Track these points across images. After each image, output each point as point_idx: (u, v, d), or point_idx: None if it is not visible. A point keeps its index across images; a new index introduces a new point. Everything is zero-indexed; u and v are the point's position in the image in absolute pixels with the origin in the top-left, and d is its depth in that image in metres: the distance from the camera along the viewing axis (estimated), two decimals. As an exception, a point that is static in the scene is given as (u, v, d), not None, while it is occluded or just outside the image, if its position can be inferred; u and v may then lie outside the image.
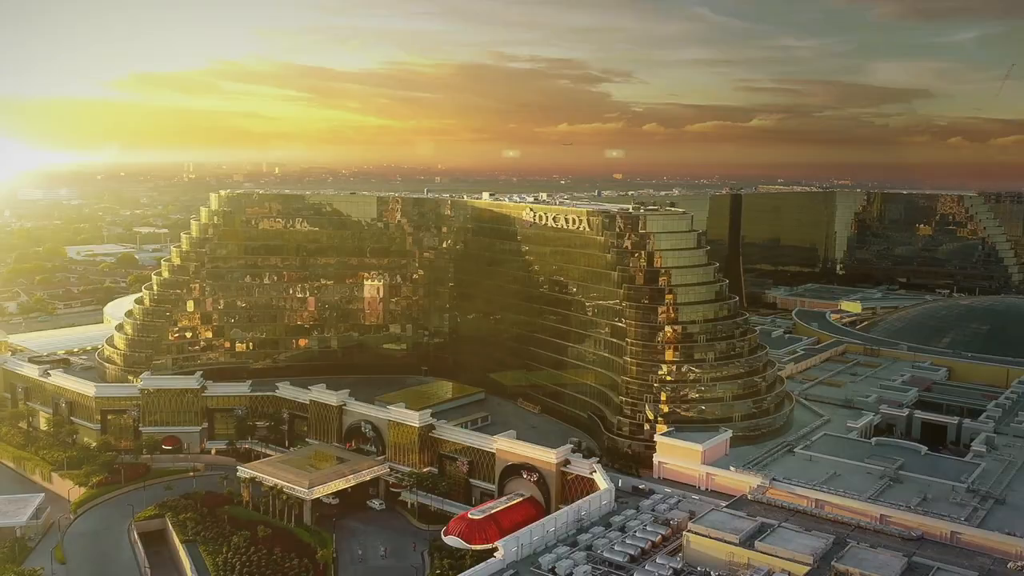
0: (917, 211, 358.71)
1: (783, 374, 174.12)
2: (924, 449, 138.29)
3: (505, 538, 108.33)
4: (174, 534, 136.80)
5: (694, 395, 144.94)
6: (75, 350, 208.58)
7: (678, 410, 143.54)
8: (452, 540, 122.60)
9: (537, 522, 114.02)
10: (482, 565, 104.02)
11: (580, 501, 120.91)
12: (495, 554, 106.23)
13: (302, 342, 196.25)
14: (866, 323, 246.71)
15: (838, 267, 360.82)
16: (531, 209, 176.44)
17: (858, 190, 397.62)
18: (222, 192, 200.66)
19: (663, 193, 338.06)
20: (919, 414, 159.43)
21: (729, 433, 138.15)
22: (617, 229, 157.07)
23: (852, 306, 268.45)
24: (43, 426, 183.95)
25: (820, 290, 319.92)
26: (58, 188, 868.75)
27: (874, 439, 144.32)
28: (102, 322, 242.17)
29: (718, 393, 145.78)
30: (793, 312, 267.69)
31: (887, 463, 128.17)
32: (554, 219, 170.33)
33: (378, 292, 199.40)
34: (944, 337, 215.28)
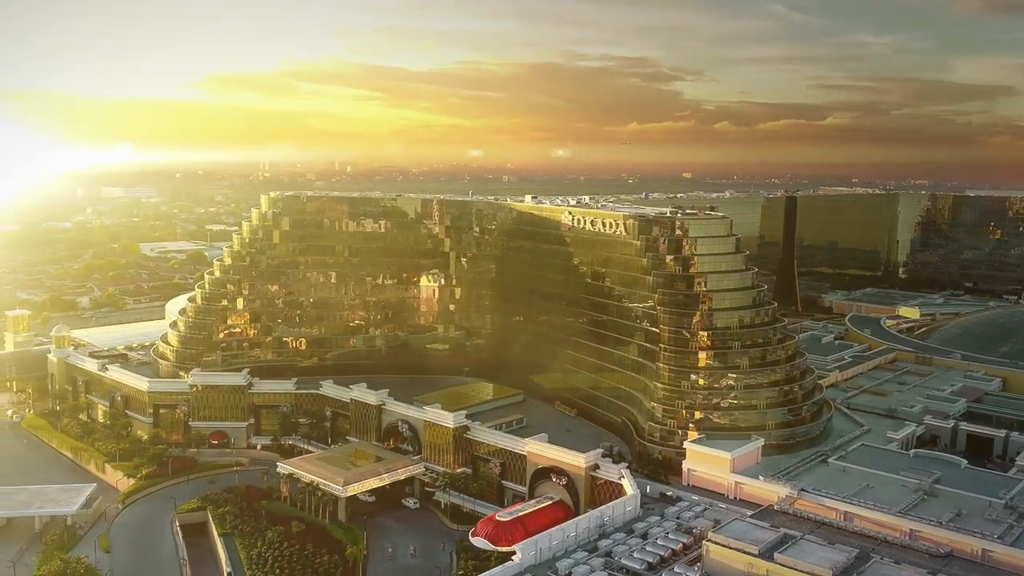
0: (986, 213, 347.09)
1: (827, 382, 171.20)
2: (964, 463, 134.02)
3: (523, 542, 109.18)
4: (214, 527, 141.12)
5: (727, 402, 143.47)
6: (134, 345, 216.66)
7: (710, 417, 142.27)
8: (478, 541, 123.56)
9: (557, 527, 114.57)
10: (498, 569, 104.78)
11: (603, 507, 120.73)
12: (512, 558, 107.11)
13: (348, 341, 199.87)
14: (923, 330, 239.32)
15: (900, 271, 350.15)
16: (570, 212, 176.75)
17: (923, 192, 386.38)
18: (272, 193, 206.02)
19: (715, 195, 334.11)
20: (965, 426, 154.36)
21: (761, 441, 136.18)
22: (654, 233, 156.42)
23: (910, 312, 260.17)
24: (100, 418, 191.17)
25: (879, 295, 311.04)
26: (138, 186, 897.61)
27: (912, 451, 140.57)
28: (164, 318, 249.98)
29: (752, 400, 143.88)
30: (846, 317, 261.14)
31: (923, 476, 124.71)
32: (592, 223, 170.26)
33: (421, 293, 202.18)
34: (1002, 346, 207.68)
